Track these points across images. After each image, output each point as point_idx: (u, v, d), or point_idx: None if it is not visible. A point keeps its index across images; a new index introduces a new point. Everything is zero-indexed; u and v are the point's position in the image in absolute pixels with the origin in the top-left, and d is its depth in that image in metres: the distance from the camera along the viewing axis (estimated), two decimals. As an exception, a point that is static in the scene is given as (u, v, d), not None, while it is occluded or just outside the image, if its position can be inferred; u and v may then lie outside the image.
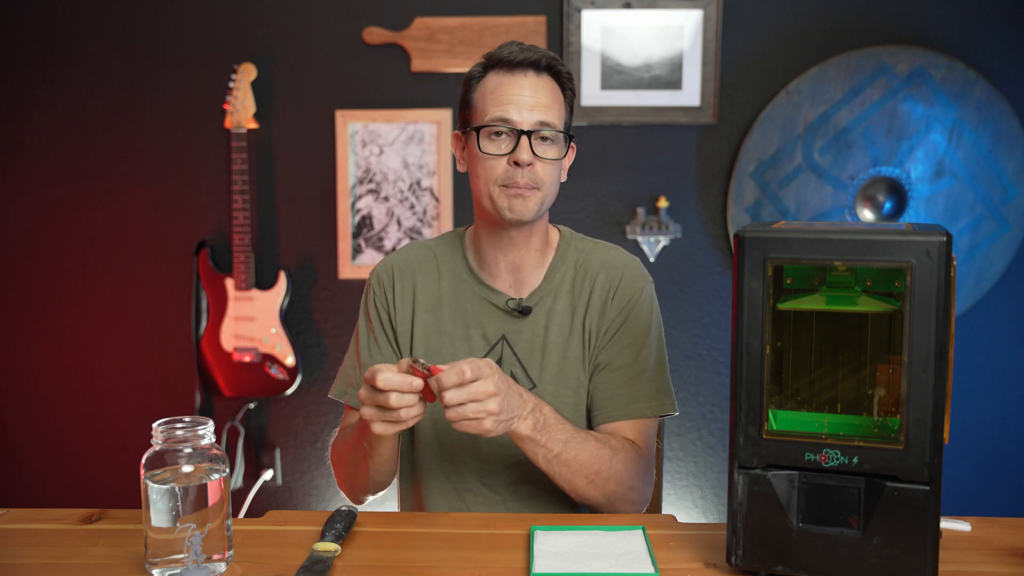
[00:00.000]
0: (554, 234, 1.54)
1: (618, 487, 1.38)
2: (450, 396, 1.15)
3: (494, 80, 1.42)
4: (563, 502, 1.48)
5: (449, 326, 1.49)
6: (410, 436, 1.54)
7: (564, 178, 1.50)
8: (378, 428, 1.20)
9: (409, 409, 1.18)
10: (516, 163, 1.38)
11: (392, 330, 1.52)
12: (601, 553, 1.14)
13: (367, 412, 1.20)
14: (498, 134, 1.39)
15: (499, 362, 1.47)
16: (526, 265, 1.49)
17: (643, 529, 1.21)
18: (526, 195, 1.39)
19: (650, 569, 1.09)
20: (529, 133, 1.38)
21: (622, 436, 1.44)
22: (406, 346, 1.51)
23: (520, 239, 1.46)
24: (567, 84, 1.45)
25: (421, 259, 1.54)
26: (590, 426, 1.50)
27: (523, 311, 1.47)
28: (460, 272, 1.51)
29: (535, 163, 1.39)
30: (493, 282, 1.50)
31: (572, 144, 1.50)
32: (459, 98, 1.49)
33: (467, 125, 1.45)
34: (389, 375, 1.16)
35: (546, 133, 1.40)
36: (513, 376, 1.47)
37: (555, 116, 1.41)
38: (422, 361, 1.19)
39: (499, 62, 1.42)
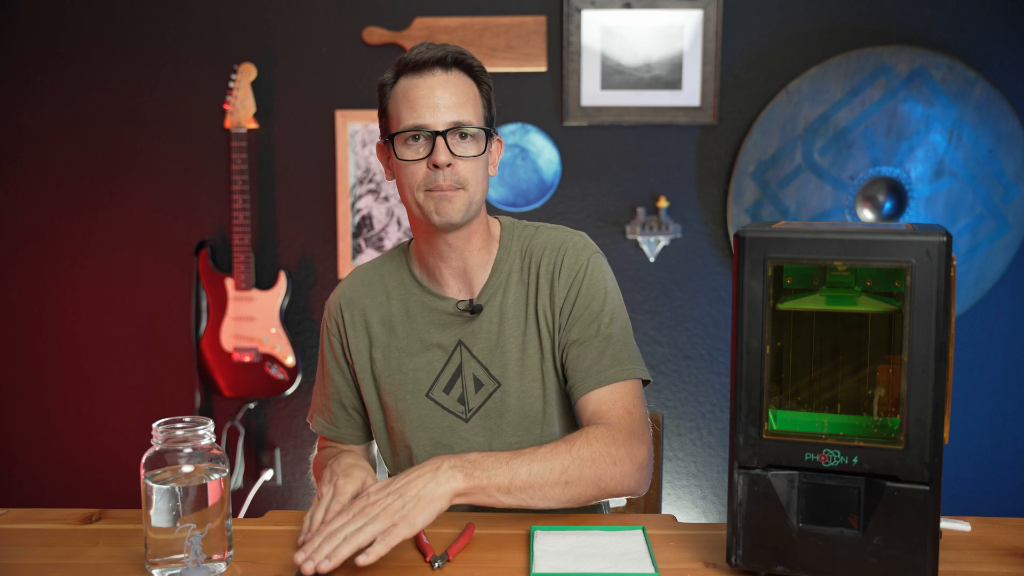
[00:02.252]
0: (495, 227, 1.50)
1: (598, 470, 1.27)
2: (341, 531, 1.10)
3: (404, 84, 1.37)
4: None
5: (405, 343, 1.46)
6: (405, 438, 1.53)
7: (494, 173, 1.45)
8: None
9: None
10: (435, 165, 1.35)
11: (346, 361, 1.52)
12: (601, 553, 1.14)
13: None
14: (415, 139, 1.36)
15: (459, 368, 1.44)
16: (472, 267, 1.45)
17: (643, 529, 1.21)
18: (451, 196, 1.36)
19: (650, 569, 1.09)
20: (444, 133, 1.34)
21: (587, 415, 1.38)
22: (367, 371, 1.49)
23: (459, 243, 1.42)
24: (481, 78, 1.40)
25: (367, 282, 1.51)
26: (570, 407, 1.46)
27: (473, 311, 1.43)
28: (408, 286, 1.48)
29: (455, 163, 1.35)
30: (441, 290, 1.46)
31: (498, 138, 1.46)
32: (377, 107, 1.44)
33: (386, 134, 1.41)
34: (315, 517, 1.18)
35: (463, 131, 1.36)
36: (476, 379, 1.44)
37: (469, 113, 1.37)
38: None
39: (407, 65, 1.37)
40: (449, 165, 1.34)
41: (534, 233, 1.48)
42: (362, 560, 1.07)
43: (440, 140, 1.34)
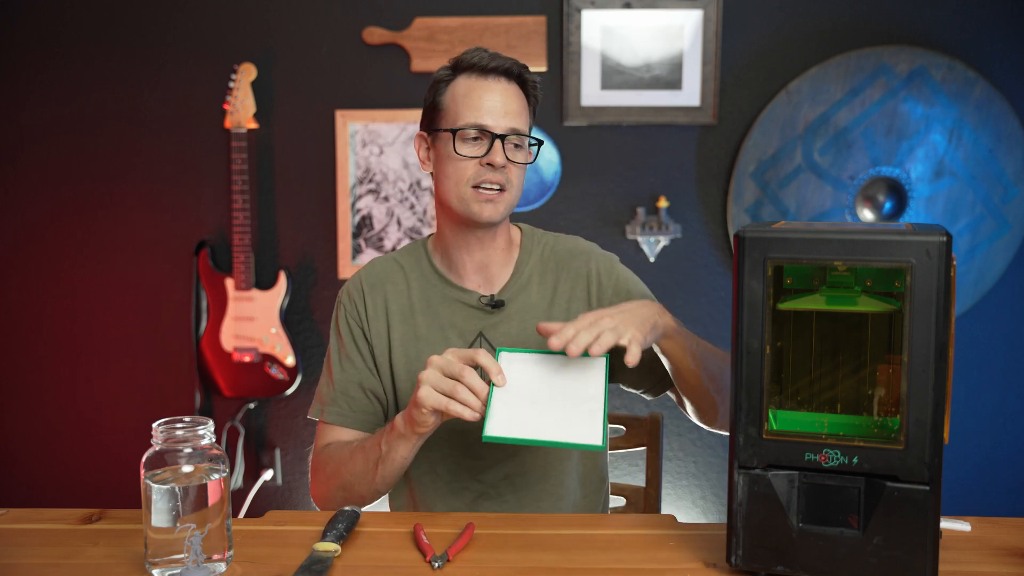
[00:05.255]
0: (516, 232, 1.58)
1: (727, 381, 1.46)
2: (564, 331, 1.18)
3: (465, 84, 1.45)
4: (559, 491, 1.49)
5: (425, 331, 1.51)
6: None
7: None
8: (460, 410, 1.22)
9: (475, 398, 1.21)
10: (490, 164, 1.42)
11: (367, 343, 1.53)
12: (556, 398, 1.17)
13: (440, 401, 1.23)
14: (474, 138, 1.44)
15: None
16: (493, 263, 1.52)
17: (607, 360, 1.22)
18: (495, 199, 1.44)
19: (597, 440, 1.12)
20: (503, 137, 1.43)
21: None
22: (384, 357, 1.52)
23: (487, 239, 1.49)
24: (533, 93, 1.50)
25: (388, 271, 1.56)
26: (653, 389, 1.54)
27: (496, 305, 1.50)
28: (428, 277, 1.54)
29: (507, 166, 1.43)
30: (462, 283, 1.52)
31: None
32: (425, 100, 1.51)
33: (433, 126, 1.49)
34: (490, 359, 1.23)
35: (517, 140, 1.45)
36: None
37: (524, 124, 1.47)
38: None
39: (470, 67, 1.46)
40: (503, 166, 1.43)
41: (554, 241, 1.58)
42: (595, 349, 1.17)
43: (498, 143, 1.42)
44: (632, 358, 1.18)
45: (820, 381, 1.10)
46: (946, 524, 1.19)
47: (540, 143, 1.52)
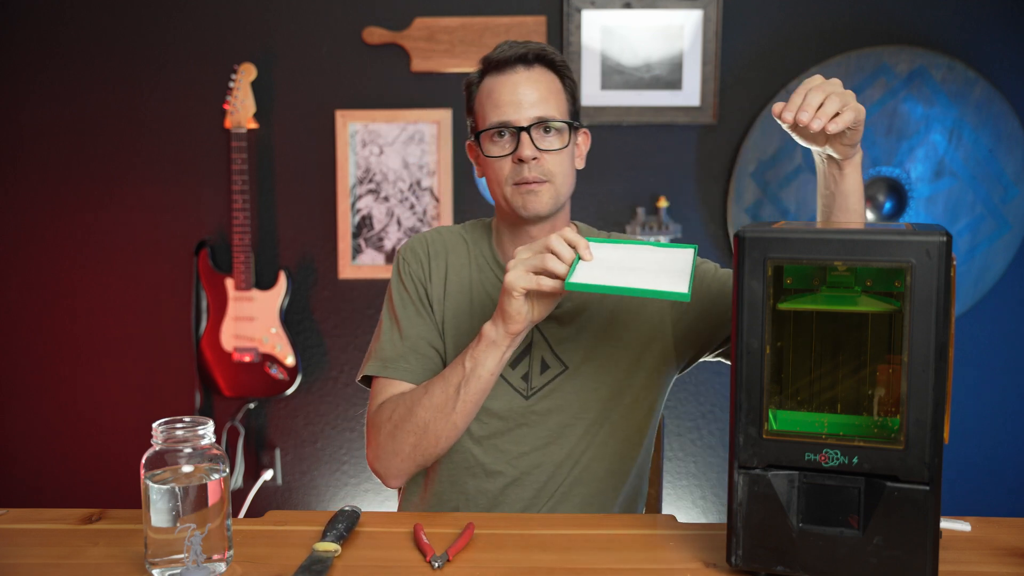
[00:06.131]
0: (573, 228, 1.56)
1: None
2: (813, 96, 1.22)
3: (488, 84, 1.44)
4: (585, 476, 1.47)
5: (479, 309, 1.49)
6: None
7: (581, 165, 1.51)
8: (551, 284, 1.22)
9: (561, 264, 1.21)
10: (520, 160, 1.40)
11: (428, 301, 1.50)
12: (643, 268, 1.17)
13: (530, 280, 1.23)
14: (500, 135, 1.42)
15: (528, 348, 1.47)
16: None
17: (695, 248, 1.23)
18: (537, 190, 1.41)
19: (683, 288, 1.11)
20: (528, 129, 1.40)
21: None
22: (439, 323, 1.50)
23: (542, 236, 1.46)
24: (563, 72, 1.46)
25: (454, 242, 1.55)
26: (645, 397, 1.51)
27: None
28: (488, 259, 1.53)
29: (540, 156, 1.40)
30: None
31: (584, 130, 1.52)
32: (465, 107, 1.51)
33: (474, 131, 1.48)
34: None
35: (546, 126, 1.42)
36: (543, 361, 1.47)
37: (552, 108, 1.42)
38: None
39: (490, 64, 1.45)
40: (535, 159, 1.40)
41: (607, 236, 1.57)
42: (832, 128, 1.20)
43: (524, 135, 1.40)
44: (832, 127, 1.20)
45: (820, 381, 1.10)
46: (946, 524, 1.19)
47: (572, 123, 1.45)
